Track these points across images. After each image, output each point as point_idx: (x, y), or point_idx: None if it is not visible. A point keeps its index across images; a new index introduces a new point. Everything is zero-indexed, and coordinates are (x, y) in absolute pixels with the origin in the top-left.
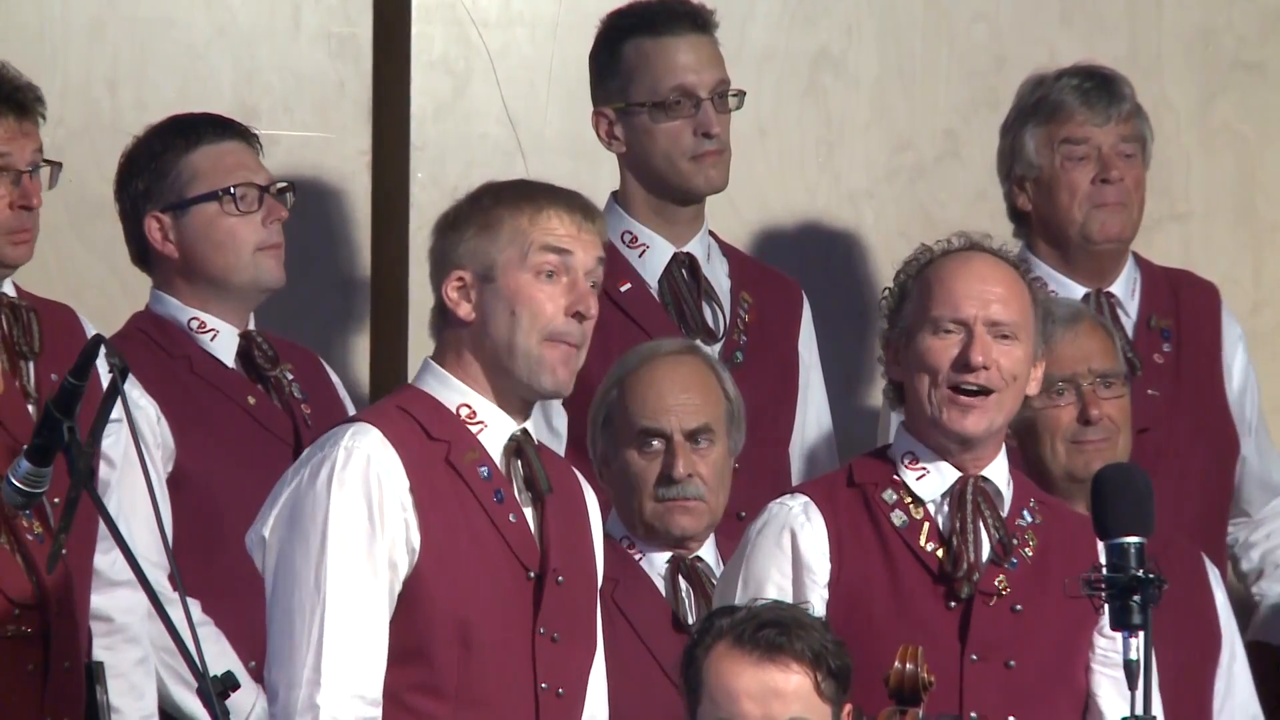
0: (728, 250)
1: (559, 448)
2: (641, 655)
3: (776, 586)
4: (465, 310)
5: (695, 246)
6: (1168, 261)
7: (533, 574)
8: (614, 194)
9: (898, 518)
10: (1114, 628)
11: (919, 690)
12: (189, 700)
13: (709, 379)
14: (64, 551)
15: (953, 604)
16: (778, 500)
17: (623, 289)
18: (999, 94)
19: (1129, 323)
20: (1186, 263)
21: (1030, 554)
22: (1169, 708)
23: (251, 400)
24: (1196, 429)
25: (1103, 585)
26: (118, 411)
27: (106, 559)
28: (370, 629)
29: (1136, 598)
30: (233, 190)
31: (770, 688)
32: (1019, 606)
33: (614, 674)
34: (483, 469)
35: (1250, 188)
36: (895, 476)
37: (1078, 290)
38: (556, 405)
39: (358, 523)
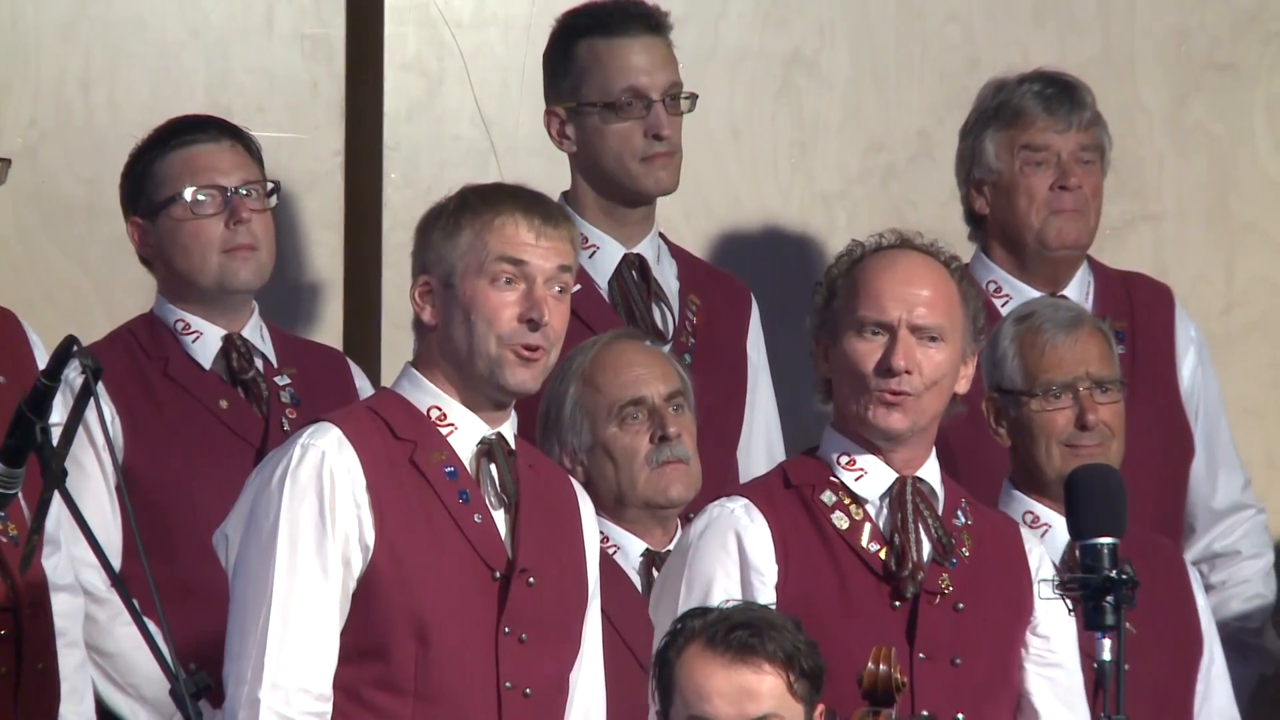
0: (677, 252)
1: None
2: (619, 649)
3: (723, 589)
4: (429, 315)
5: (645, 248)
6: (1140, 262)
7: (498, 574)
8: (564, 194)
9: (839, 519)
10: (1087, 628)
11: (892, 691)
12: (119, 701)
13: (666, 355)
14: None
15: (897, 604)
16: (716, 503)
17: (574, 289)
18: (972, 95)
19: None
20: (1159, 263)
21: (967, 553)
22: (1151, 711)
23: (224, 404)
24: (1151, 430)
25: (1075, 586)
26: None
27: (49, 563)
28: (317, 624)
29: (1109, 599)
30: (188, 194)
31: (743, 688)
32: (961, 605)
33: None
34: (449, 469)
35: (1223, 188)
36: (832, 478)
37: (1031, 295)
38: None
39: (307, 520)
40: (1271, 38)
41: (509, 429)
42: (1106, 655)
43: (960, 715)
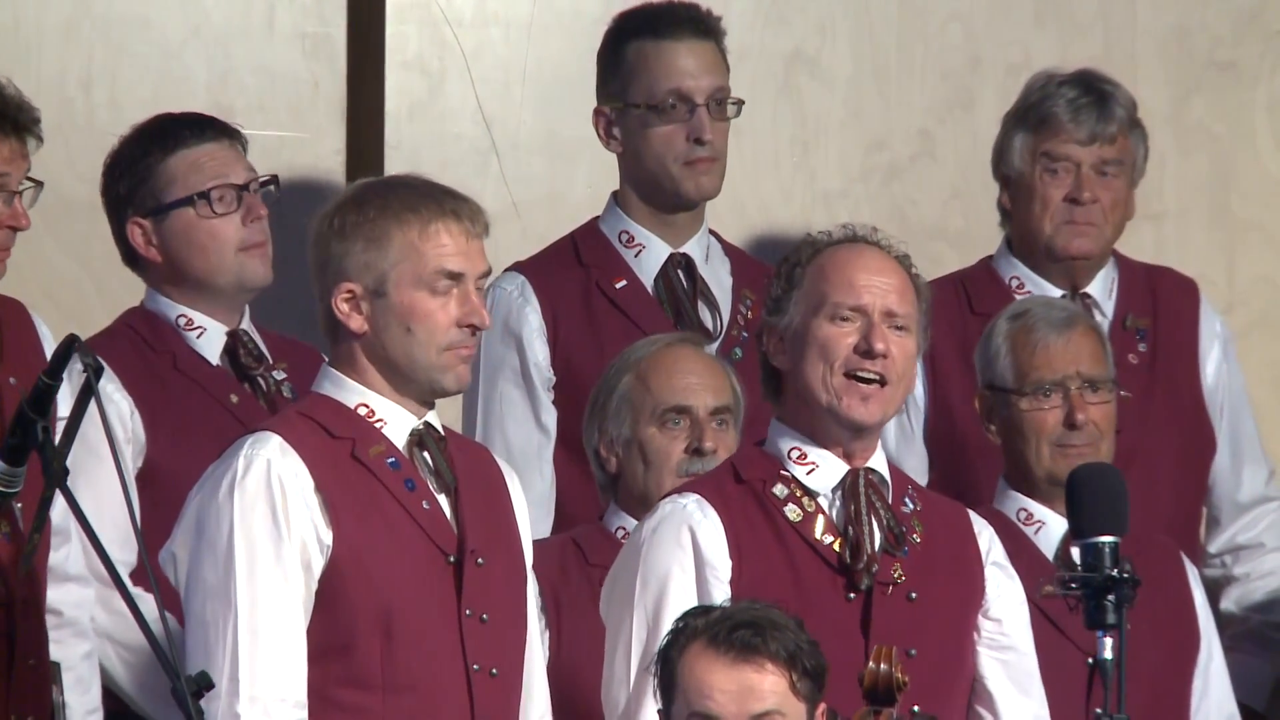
0: (730, 250)
1: (547, 446)
2: None
3: (679, 583)
4: (357, 323)
5: (692, 247)
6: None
7: (452, 558)
8: (614, 193)
9: (792, 512)
10: (1088, 627)
11: (893, 690)
12: (140, 692)
13: (724, 369)
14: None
15: (852, 595)
16: (668, 498)
17: (618, 285)
18: (973, 94)
19: (1104, 323)
20: (1160, 262)
21: (918, 540)
22: (1147, 707)
23: (234, 399)
24: (1170, 429)
25: (1076, 585)
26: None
27: (59, 554)
28: (286, 632)
29: (1111, 597)
30: (208, 193)
31: (746, 686)
32: (914, 594)
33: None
34: (390, 460)
35: (1224, 187)
36: (784, 471)
37: (1054, 292)
38: (546, 403)
39: (262, 529)
40: (1273, 37)
41: (434, 417)
42: (1108, 654)
43: (916, 707)
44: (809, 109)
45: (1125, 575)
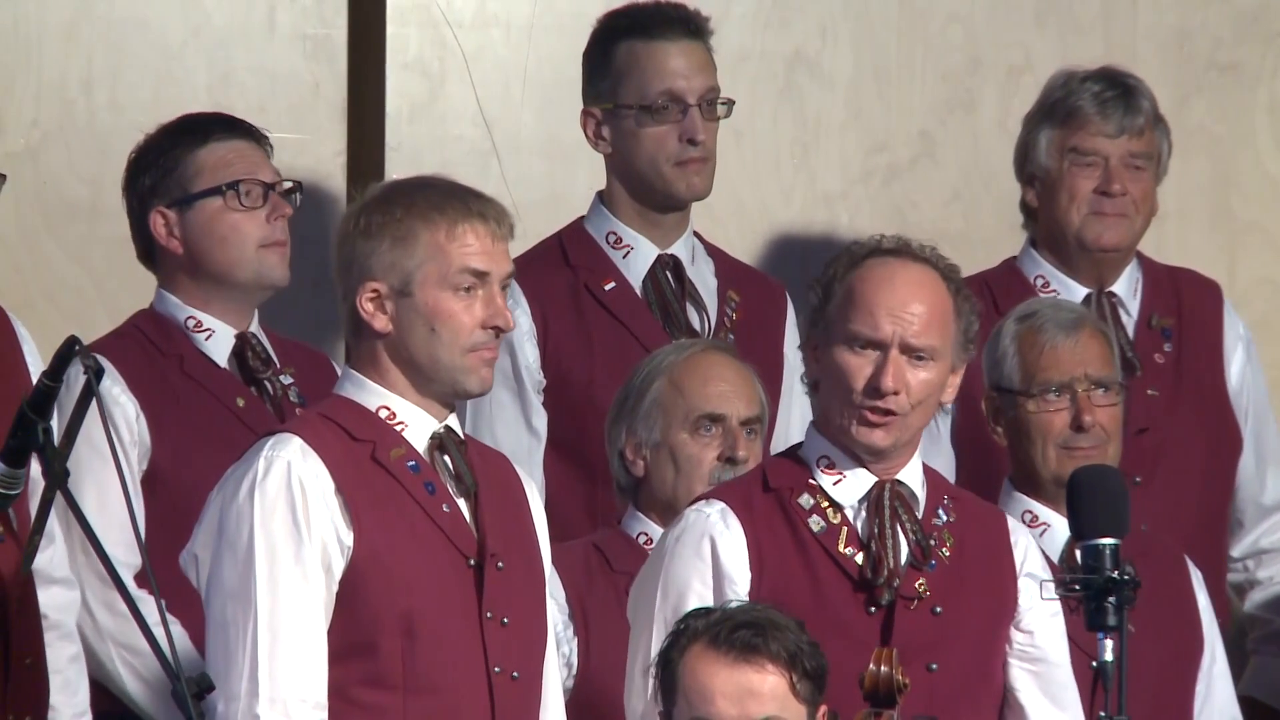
0: (713, 251)
1: (537, 449)
2: None
3: (698, 595)
4: (382, 323)
5: (679, 248)
6: None
7: (472, 561)
8: (600, 194)
9: (816, 523)
10: (1089, 629)
11: (894, 692)
12: (143, 696)
13: (753, 378)
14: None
15: (873, 609)
16: (693, 507)
17: (607, 287)
18: (974, 95)
19: (1130, 322)
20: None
21: (948, 554)
22: (1150, 709)
23: (240, 402)
24: (1197, 428)
25: (1077, 587)
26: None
27: (43, 556)
28: (306, 634)
29: (1111, 599)
30: (237, 185)
31: (746, 688)
32: (939, 609)
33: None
34: (411, 463)
35: (1225, 188)
36: (811, 481)
37: (1079, 290)
38: (536, 406)
39: (282, 531)
40: (1273, 38)
41: (454, 420)
42: (1109, 656)
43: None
44: (809, 110)
45: (1126, 577)
